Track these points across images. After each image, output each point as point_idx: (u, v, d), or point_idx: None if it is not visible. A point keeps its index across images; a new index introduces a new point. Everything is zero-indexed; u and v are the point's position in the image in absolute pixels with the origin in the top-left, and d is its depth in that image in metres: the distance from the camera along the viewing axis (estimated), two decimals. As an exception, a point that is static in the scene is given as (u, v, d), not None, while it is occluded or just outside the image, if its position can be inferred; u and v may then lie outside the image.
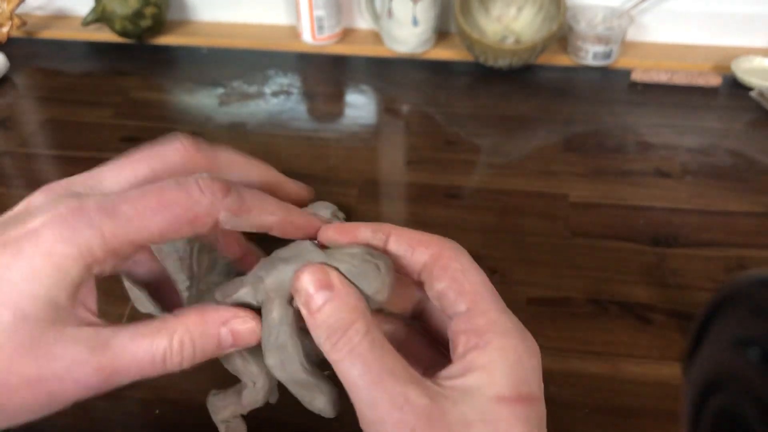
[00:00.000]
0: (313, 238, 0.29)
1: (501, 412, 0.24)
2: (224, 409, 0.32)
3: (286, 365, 0.27)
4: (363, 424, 0.25)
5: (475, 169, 0.68)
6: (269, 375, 0.30)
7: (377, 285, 0.26)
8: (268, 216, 0.27)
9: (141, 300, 0.32)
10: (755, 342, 0.27)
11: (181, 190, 0.25)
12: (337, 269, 0.26)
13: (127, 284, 0.32)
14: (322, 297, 0.25)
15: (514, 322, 0.26)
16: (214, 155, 0.30)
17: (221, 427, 0.33)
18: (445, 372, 0.25)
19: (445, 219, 0.61)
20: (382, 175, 0.68)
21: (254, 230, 0.28)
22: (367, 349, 0.24)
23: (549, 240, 0.59)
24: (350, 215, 0.61)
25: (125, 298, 0.33)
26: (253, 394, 0.30)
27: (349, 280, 0.26)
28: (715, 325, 0.31)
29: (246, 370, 0.30)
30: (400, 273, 0.28)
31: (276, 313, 0.27)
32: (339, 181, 0.66)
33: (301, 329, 0.27)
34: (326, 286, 0.25)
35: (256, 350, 0.29)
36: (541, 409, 0.25)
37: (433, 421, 0.23)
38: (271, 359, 0.27)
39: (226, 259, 0.33)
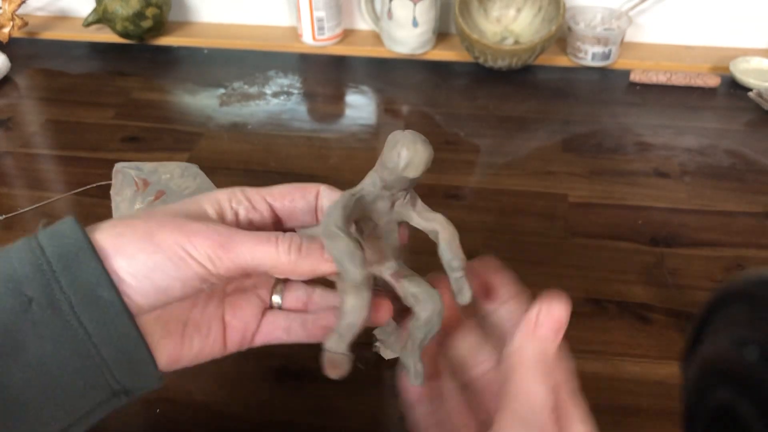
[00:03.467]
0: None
1: None
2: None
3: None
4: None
5: (475, 169, 0.68)
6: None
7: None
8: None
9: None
10: (753, 341, 0.27)
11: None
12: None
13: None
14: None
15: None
16: None
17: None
18: None
19: (445, 219, 0.61)
20: (382, 175, 0.68)
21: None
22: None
23: (548, 240, 0.59)
24: (351, 215, 0.61)
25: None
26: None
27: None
28: (713, 324, 0.31)
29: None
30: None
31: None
32: (339, 181, 0.66)
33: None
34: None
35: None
36: None
37: None
38: None
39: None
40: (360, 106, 0.81)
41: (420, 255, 0.33)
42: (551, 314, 0.29)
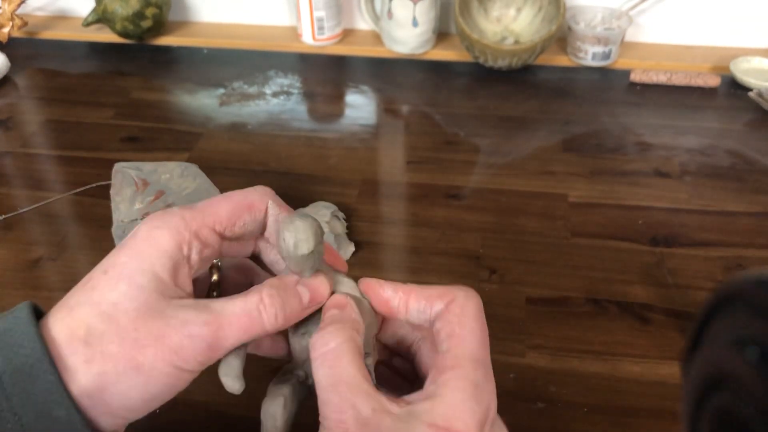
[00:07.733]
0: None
1: None
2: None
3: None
4: (320, 418, 0.28)
5: (475, 169, 0.68)
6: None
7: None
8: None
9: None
10: (754, 342, 0.27)
11: (239, 191, 0.32)
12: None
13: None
14: (332, 311, 0.30)
15: (480, 374, 0.28)
16: None
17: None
18: (408, 396, 0.28)
19: (445, 219, 0.61)
20: (382, 175, 0.68)
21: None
22: (336, 357, 0.28)
23: (548, 240, 0.59)
24: (350, 215, 0.61)
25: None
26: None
27: None
28: (713, 324, 0.31)
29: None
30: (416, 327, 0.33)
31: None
32: (339, 181, 0.66)
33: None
34: (340, 306, 0.30)
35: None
36: None
37: (367, 428, 0.26)
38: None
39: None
40: (360, 106, 0.81)
41: (421, 255, 0.33)
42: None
